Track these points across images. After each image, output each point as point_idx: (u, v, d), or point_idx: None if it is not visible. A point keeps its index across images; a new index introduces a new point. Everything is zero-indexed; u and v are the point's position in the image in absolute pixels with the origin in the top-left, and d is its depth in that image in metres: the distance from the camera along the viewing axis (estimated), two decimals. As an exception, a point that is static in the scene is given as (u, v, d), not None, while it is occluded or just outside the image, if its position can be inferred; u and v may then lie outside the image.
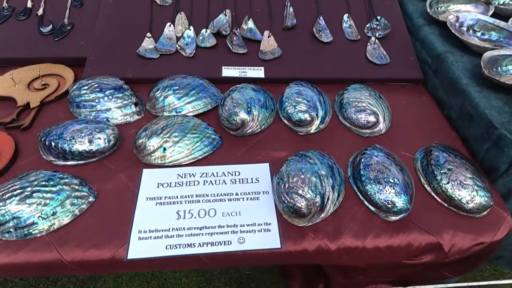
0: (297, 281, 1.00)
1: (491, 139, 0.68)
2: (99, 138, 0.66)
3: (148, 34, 0.90)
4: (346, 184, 0.67)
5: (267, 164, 0.69)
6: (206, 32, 0.92)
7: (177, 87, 0.78)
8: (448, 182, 0.63)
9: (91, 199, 0.60)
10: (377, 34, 0.94)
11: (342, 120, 0.79)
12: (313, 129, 0.76)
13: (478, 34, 0.88)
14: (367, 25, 0.96)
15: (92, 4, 0.97)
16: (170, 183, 0.65)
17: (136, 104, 0.77)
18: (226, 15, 0.94)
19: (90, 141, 0.65)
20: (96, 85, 0.76)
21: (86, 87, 0.75)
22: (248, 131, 0.74)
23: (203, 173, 0.67)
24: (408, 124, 0.80)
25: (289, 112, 0.76)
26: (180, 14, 0.95)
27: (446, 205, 0.64)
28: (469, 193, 0.62)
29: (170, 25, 0.92)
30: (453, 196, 0.62)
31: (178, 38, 0.91)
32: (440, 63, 0.84)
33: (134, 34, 0.90)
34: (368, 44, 0.93)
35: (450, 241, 0.60)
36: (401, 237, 0.60)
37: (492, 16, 0.92)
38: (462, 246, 0.60)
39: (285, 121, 0.78)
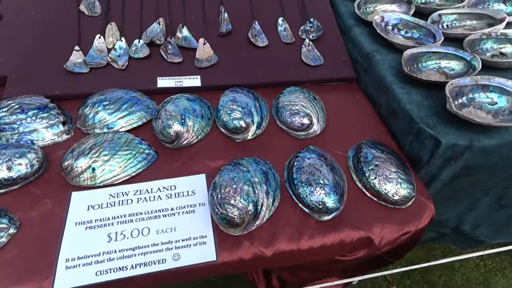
0: (262, 284, 1.01)
1: (413, 132, 0.72)
2: (20, 164, 0.62)
3: (76, 47, 0.86)
4: (282, 188, 0.68)
5: (204, 175, 0.69)
6: (139, 42, 0.90)
7: (108, 102, 0.75)
8: (375, 178, 0.67)
9: (11, 230, 0.57)
10: (311, 36, 0.97)
11: (279, 124, 0.81)
12: (250, 135, 0.77)
13: (402, 32, 0.93)
14: (301, 28, 0.99)
15: (12, 17, 0.91)
16: (101, 204, 0.63)
17: (64, 123, 0.74)
18: (159, 24, 0.93)
19: (9, 168, 0.61)
20: (16, 106, 0.71)
21: (5, 109, 0.71)
22: (184, 143, 0.74)
23: (137, 191, 0.65)
24: (342, 123, 0.83)
25: (225, 120, 0.76)
26: (111, 24, 0.92)
27: (376, 199, 0.67)
28: (393, 186, 0.65)
29: (100, 37, 0.89)
30: (380, 190, 0.66)
31: (109, 50, 0.88)
32: (369, 62, 0.88)
33: (61, 48, 0.86)
34: (303, 46, 0.95)
35: (379, 234, 0.63)
36: (334, 235, 0.62)
37: (413, 14, 0.98)
38: (390, 238, 0.63)
39: (222, 129, 0.78)
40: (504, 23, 0.89)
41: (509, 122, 0.67)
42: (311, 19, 1.00)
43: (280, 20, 0.99)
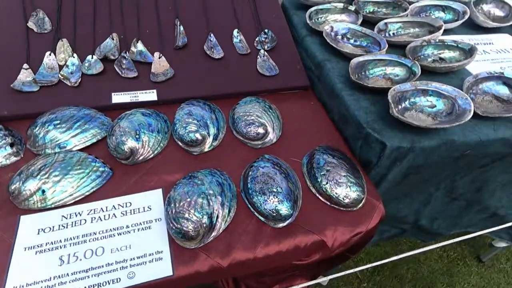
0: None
1: (362, 137, 0.76)
2: (-38, 191, 0.60)
3: (25, 65, 0.84)
4: (239, 198, 0.69)
5: (160, 190, 0.69)
6: (92, 58, 0.89)
7: (59, 121, 0.74)
8: (327, 183, 0.70)
9: (-46, 261, 0.54)
10: (266, 47, 1.00)
11: (235, 134, 0.82)
12: (206, 147, 0.78)
13: (351, 41, 0.98)
14: (256, 39, 1.01)
15: (-46, 37, 0.88)
16: (53, 227, 0.61)
17: (12, 145, 0.72)
18: (113, 39, 0.92)
19: (-49, 196, 0.59)
20: (-41, 130, 0.68)
21: None
22: (140, 158, 0.73)
23: (91, 210, 0.65)
24: (298, 130, 0.86)
25: (181, 134, 0.76)
26: (62, 41, 0.90)
27: (329, 203, 0.70)
28: (343, 190, 0.68)
29: (50, 54, 0.87)
30: (332, 194, 0.69)
31: (61, 67, 0.87)
32: (321, 70, 0.92)
33: (8, 66, 0.83)
34: (258, 56, 0.98)
35: (332, 237, 0.66)
36: (289, 241, 0.64)
37: (362, 23, 1.03)
38: (343, 240, 0.66)
39: (179, 143, 0.78)
40: (441, 31, 0.96)
41: (445, 123, 0.72)
42: (266, 30, 1.03)
43: (235, 32, 1.01)
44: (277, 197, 0.64)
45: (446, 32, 1.06)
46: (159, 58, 0.92)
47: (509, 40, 1.06)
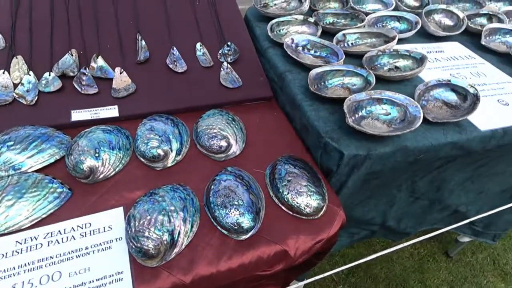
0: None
1: (321, 146, 0.79)
2: None
3: (-23, 85, 0.81)
4: (202, 212, 0.70)
5: (121, 208, 0.68)
6: (49, 75, 0.87)
7: (13, 142, 0.72)
8: (288, 193, 0.71)
9: None
10: (229, 59, 1.01)
11: (199, 148, 0.83)
12: (169, 162, 0.78)
13: (312, 52, 1.01)
14: (220, 51, 1.02)
15: None
16: (6, 253, 0.59)
17: (-38, 169, 0.69)
18: (72, 55, 0.90)
19: None
20: None
21: None
22: (101, 177, 0.72)
23: (48, 233, 0.63)
24: (262, 141, 0.88)
25: (142, 150, 0.76)
26: (17, 58, 0.88)
27: (291, 213, 0.72)
28: (304, 199, 0.70)
29: (4, 72, 0.85)
30: (293, 204, 0.70)
31: (16, 85, 0.84)
32: (282, 81, 0.94)
33: (-42, 87, 0.80)
34: (221, 69, 0.99)
35: (294, 246, 0.67)
36: (252, 253, 0.65)
37: (323, 34, 1.07)
38: (305, 248, 0.68)
39: (141, 159, 0.78)
40: (395, 41, 1.01)
41: (399, 130, 0.75)
42: (229, 43, 1.04)
43: (198, 45, 1.02)
44: (238, 210, 0.65)
45: (402, 41, 1.12)
46: (120, 73, 0.91)
47: (459, 48, 1.13)
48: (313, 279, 0.89)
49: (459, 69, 1.03)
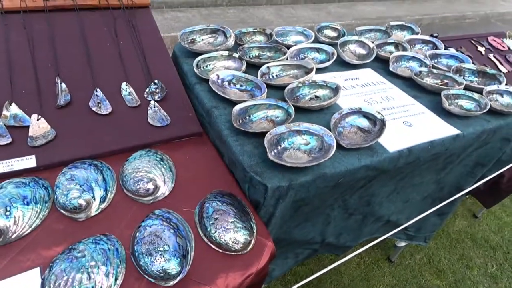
0: None
1: (247, 180, 0.82)
2: None
3: None
4: (128, 262, 0.68)
5: (38, 269, 0.64)
6: (-46, 128, 0.80)
7: None
8: (215, 231, 0.73)
9: None
10: (156, 97, 1.02)
11: (126, 193, 0.81)
12: (93, 211, 0.75)
13: (238, 86, 1.06)
14: (146, 90, 1.03)
15: None
16: None
17: None
18: (-19, 104, 0.85)
19: None
20: None
21: None
22: (13, 237, 0.68)
23: None
24: (192, 179, 0.88)
25: (62, 202, 0.73)
26: None
27: (220, 250, 0.73)
28: (231, 235, 0.72)
29: None
30: (221, 242, 0.72)
31: None
32: (210, 117, 0.97)
33: None
34: (149, 108, 0.99)
35: (224, 284, 0.68)
36: (180, 299, 0.65)
37: (248, 67, 1.12)
38: (235, 284, 0.69)
39: (62, 211, 0.74)
40: (313, 73, 1.09)
41: (316, 160, 0.81)
42: (156, 80, 1.05)
43: (124, 85, 1.01)
44: (164, 256, 0.65)
45: (323, 69, 1.21)
46: (38, 120, 0.87)
47: (371, 74, 1.26)
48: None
49: (371, 94, 1.14)
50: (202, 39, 1.22)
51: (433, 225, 1.64)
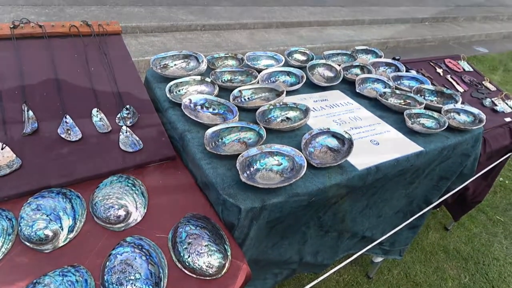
0: None
1: (221, 202, 0.82)
2: None
3: None
4: (98, 293, 0.66)
5: (-3, 308, 0.61)
6: None
7: None
8: (189, 256, 0.72)
9: None
10: (128, 123, 1.01)
11: (96, 221, 0.79)
12: (61, 242, 0.73)
13: (210, 109, 1.08)
14: (118, 115, 1.02)
15: None
16: None
17: None
18: None
19: None
20: None
21: None
22: (-28, 274, 0.64)
23: None
24: (165, 203, 0.88)
25: (27, 234, 0.70)
26: None
27: (195, 276, 0.72)
28: (205, 259, 0.72)
29: None
30: (195, 267, 0.71)
31: None
32: (183, 141, 0.97)
33: None
34: (121, 133, 0.98)
35: (198, 311, 0.67)
36: (153, 329, 0.63)
37: (221, 91, 1.15)
38: (209, 311, 0.68)
39: (27, 243, 0.71)
40: (283, 95, 1.13)
41: (287, 180, 0.83)
42: (128, 106, 1.05)
43: (94, 111, 1.01)
44: (135, 285, 0.63)
45: (293, 92, 1.26)
46: (2, 149, 0.84)
47: (339, 95, 1.32)
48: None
49: (340, 115, 1.19)
50: (175, 64, 1.24)
51: (406, 238, 1.69)
